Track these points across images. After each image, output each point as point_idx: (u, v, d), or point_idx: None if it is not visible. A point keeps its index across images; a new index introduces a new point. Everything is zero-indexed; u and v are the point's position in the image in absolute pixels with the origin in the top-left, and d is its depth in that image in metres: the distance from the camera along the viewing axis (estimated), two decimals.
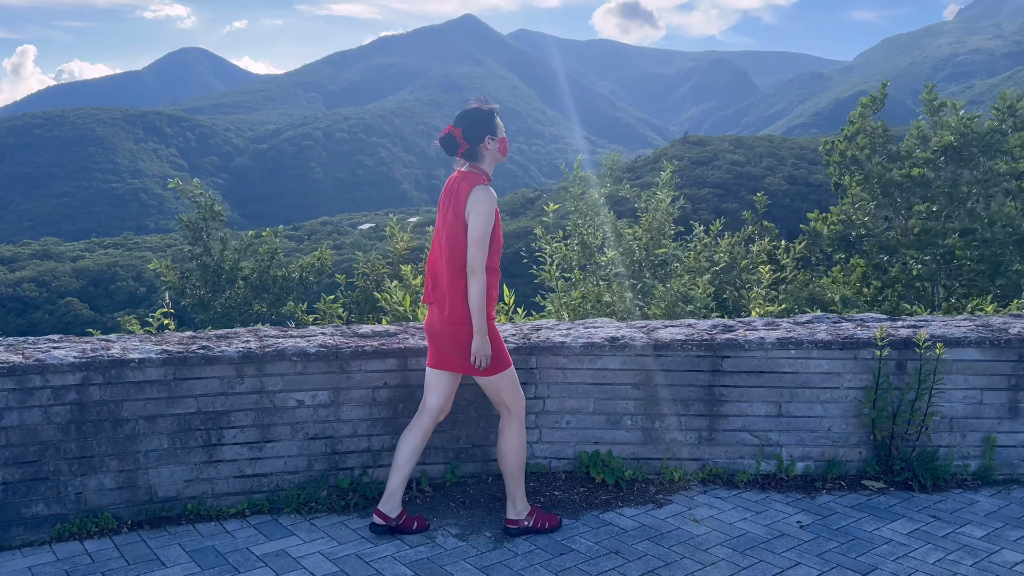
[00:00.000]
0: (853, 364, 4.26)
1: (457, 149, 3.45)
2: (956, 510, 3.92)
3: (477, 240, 3.30)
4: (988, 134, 10.58)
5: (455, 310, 3.38)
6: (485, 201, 3.32)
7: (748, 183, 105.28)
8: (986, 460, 4.34)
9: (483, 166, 3.48)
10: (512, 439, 3.50)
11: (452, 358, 3.46)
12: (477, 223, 3.30)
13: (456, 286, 3.37)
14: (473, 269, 3.30)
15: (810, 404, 4.28)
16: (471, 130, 3.42)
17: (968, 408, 4.34)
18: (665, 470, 4.23)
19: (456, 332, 3.39)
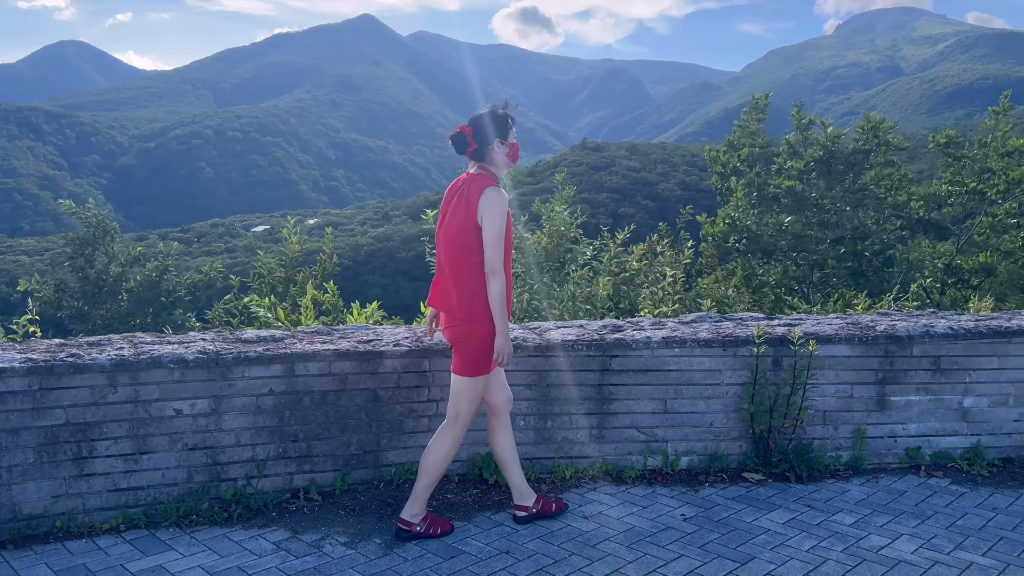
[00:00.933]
0: (733, 361, 4.44)
1: (466, 148, 3.47)
2: (829, 499, 4.13)
3: (493, 241, 3.32)
4: (852, 153, 11.28)
5: (462, 307, 3.41)
6: (498, 203, 3.34)
7: (643, 188, 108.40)
8: (857, 451, 4.60)
9: (492, 169, 3.51)
10: (445, 444, 3.52)
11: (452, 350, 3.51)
12: (492, 224, 3.32)
13: (461, 284, 3.41)
14: (493, 270, 3.32)
15: (693, 400, 4.43)
16: (481, 131, 3.45)
17: (840, 402, 4.59)
18: (557, 468, 4.28)
19: (461, 329, 3.44)
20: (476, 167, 3.51)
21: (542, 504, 3.71)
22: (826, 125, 11.92)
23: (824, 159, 11.21)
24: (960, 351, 4.68)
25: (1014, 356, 4.75)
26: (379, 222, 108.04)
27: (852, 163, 11.14)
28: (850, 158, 11.05)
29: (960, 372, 4.71)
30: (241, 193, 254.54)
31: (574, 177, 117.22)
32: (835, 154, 11.22)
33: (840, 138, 11.47)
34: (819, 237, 10.61)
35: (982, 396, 4.75)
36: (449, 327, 3.51)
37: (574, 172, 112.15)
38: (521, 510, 3.68)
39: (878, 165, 11.40)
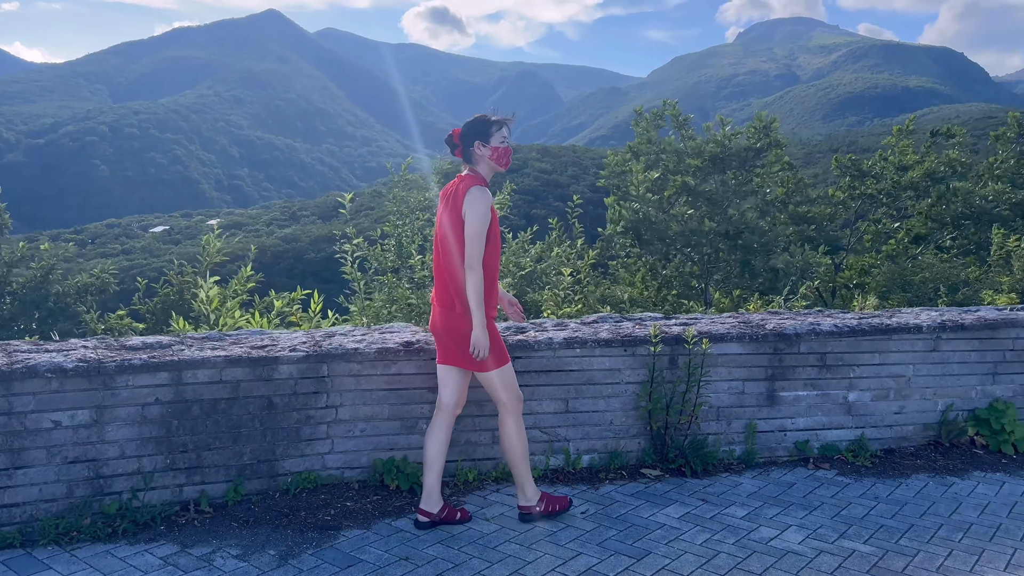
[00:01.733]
0: (632, 360, 4.53)
1: (453, 149, 3.74)
2: (722, 492, 4.26)
3: (473, 237, 3.49)
4: (744, 150, 11.74)
5: (455, 302, 3.57)
6: (480, 201, 3.52)
7: (555, 190, 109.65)
8: (749, 445, 4.77)
9: (479, 170, 3.70)
10: (512, 433, 3.68)
11: (453, 351, 3.64)
12: (473, 221, 3.50)
13: (457, 279, 3.56)
14: (470, 265, 3.48)
15: (594, 400, 4.50)
16: (466, 133, 3.69)
17: (732, 398, 4.75)
18: (460, 471, 4.27)
19: (459, 325, 3.57)
20: (466, 169, 3.72)
21: (447, 512, 3.72)
22: (725, 123, 12.37)
23: (719, 156, 11.63)
24: (844, 348, 4.91)
25: (894, 352, 5.02)
26: (286, 223, 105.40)
27: (743, 160, 11.59)
28: (742, 155, 11.50)
29: (844, 368, 4.94)
30: (139, 192, 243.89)
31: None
32: (729, 151, 11.65)
33: (735, 137, 11.92)
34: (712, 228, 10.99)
35: (865, 391, 5.00)
36: (449, 325, 3.63)
37: None
38: (424, 515, 3.67)
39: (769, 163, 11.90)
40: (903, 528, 3.84)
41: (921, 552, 3.57)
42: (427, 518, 3.67)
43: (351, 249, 6.91)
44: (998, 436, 5.10)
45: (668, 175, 12.02)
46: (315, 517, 3.75)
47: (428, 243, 7.48)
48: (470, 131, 3.69)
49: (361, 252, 7.18)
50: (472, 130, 3.69)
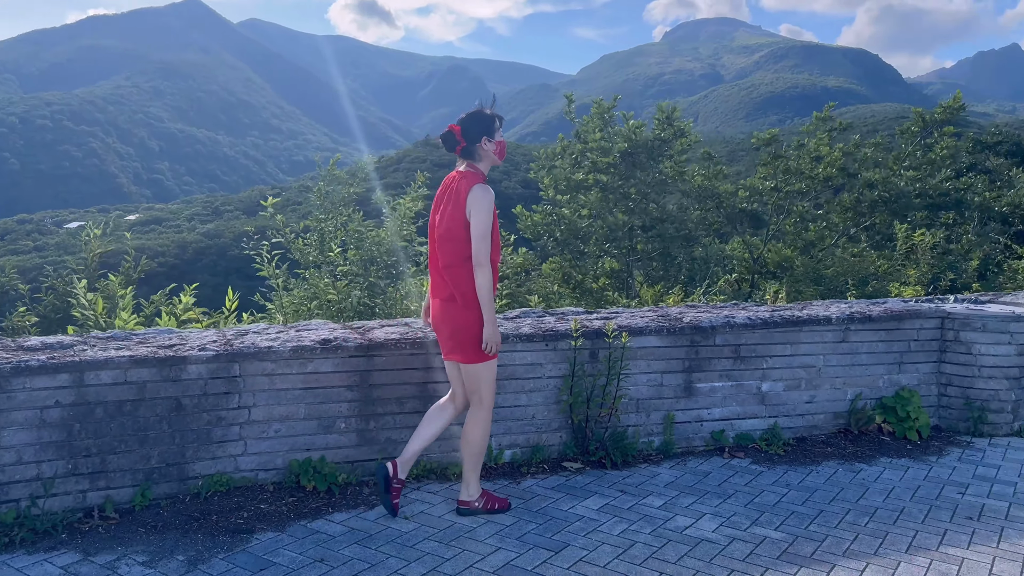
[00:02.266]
0: (553, 355, 4.55)
1: (455, 146, 3.68)
2: (641, 483, 4.33)
3: (481, 235, 3.53)
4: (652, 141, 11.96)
5: (457, 296, 3.60)
6: (485, 199, 3.56)
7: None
8: (667, 436, 4.86)
9: (480, 166, 3.71)
10: (478, 426, 3.73)
11: (449, 344, 3.69)
12: (479, 219, 3.53)
13: (458, 277, 3.59)
14: (479, 262, 3.53)
15: (516, 394, 4.50)
16: (469, 129, 3.66)
17: (651, 390, 4.82)
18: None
19: (457, 317, 3.62)
20: (465, 165, 3.71)
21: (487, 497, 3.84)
22: (627, 118, 12.55)
23: (628, 151, 11.80)
24: (758, 339, 5.05)
25: (805, 343, 5.19)
26: (209, 217, 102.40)
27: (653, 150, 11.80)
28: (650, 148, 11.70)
29: (758, 359, 5.08)
30: (52, 186, 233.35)
31: (418, 173, 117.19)
32: (637, 145, 11.83)
33: (640, 129, 12.12)
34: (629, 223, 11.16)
35: (778, 381, 5.15)
36: (447, 318, 3.67)
37: (418, 168, 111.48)
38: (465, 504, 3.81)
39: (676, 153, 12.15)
40: (813, 514, 3.97)
41: (829, 537, 3.69)
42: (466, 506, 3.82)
43: (267, 246, 6.72)
44: (904, 423, 5.33)
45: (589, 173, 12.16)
46: (227, 520, 3.65)
47: (351, 238, 7.37)
48: (476, 127, 3.67)
49: (284, 242, 6.99)
50: (479, 126, 3.68)
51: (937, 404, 5.63)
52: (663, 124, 12.50)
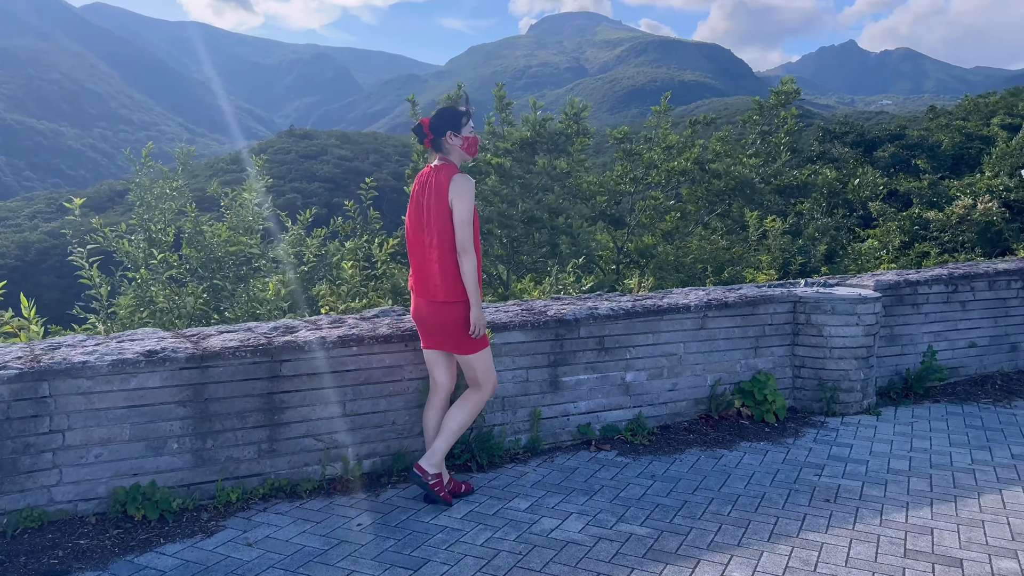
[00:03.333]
0: (413, 356, 4.30)
1: (423, 138, 3.79)
2: (507, 485, 4.16)
3: (464, 221, 3.62)
4: (555, 135, 11.94)
5: (448, 291, 3.69)
6: (466, 187, 3.65)
7: (357, 178, 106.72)
8: (534, 432, 4.72)
9: (451, 159, 3.80)
10: (468, 406, 3.85)
11: (438, 336, 3.80)
12: (462, 206, 3.63)
13: (447, 268, 3.67)
14: (464, 248, 3.63)
15: (375, 400, 4.23)
16: (436, 123, 3.77)
17: (517, 386, 4.67)
18: (221, 492, 3.83)
19: (443, 311, 3.71)
20: (438, 158, 3.80)
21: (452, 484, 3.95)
22: (537, 107, 12.49)
23: (530, 140, 11.72)
24: (620, 330, 4.99)
25: (666, 332, 5.19)
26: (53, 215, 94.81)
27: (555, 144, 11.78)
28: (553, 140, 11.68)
29: (622, 350, 5.03)
30: None
31: (283, 166, 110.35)
32: (541, 136, 11.77)
33: (547, 122, 12.07)
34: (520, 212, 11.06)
35: (641, 371, 5.13)
36: (433, 312, 3.74)
37: (283, 160, 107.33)
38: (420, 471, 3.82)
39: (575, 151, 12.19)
40: (677, 506, 3.93)
41: (694, 530, 3.65)
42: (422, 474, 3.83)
43: (83, 253, 6.05)
44: (761, 406, 5.44)
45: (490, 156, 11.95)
46: (39, 561, 3.19)
47: (184, 236, 6.78)
48: (442, 121, 3.77)
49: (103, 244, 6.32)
50: (444, 121, 3.77)
51: (792, 386, 5.80)
52: (570, 120, 12.49)
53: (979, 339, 6.78)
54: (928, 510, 3.90)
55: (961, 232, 12.04)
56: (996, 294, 6.84)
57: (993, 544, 3.52)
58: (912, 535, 3.61)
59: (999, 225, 11.82)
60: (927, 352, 6.44)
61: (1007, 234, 11.73)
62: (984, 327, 6.80)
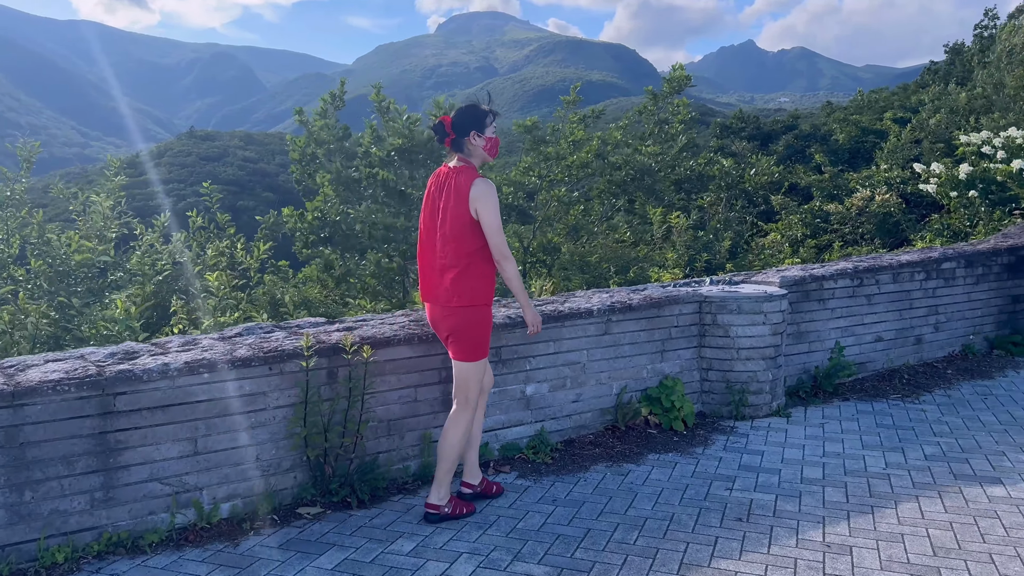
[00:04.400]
0: (280, 380, 3.77)
1: (445, 137, 3.61)
2: (391, 523, 3.69)
3: (496, 230, 3.51)
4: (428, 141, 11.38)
5: (462, 295, 3.54)
6: (490, 193, 3.50)
7: (263, 180, 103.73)
8: (425, 458, 4.26)
9: (472, 160, 3.64)
10: (461, 426, 3.67)
11: (448, 341, 3.66)
12: (490, 214, 3.48)
13: (461, 274, 3.53)
14: (504, 255, 3.53)
15: (232, 434, 3.67)
16: (459, 122, 3.60)
17: (404, 408, 4.19)
18: (44, 553, 3.21)
19: (459, 315, 3.57)
20: (456, 159, 3.64)
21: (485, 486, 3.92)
22: (402, 112, 11.88)
23: (404, 147, 11.13)
24: (519, 339, 4.59)
25: (568, 339, 4.81)
26: None
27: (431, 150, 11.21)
28: (427, 145, 11.11)
29: (521, 360, 4.63)
30: None
31: (183, 168, 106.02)
32: (414, 140, 11.19)
33: (417, 124, 11.48)
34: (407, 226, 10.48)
35: (543, 382, 4.74)
36: (446, 317, 3.60)
37: (183, 163, 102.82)
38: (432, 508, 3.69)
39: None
40: (580, 536, 3.54)
41: (597, 564, 3.26)
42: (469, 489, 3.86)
43: None
44: (669, 414, 5.13)
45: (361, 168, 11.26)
46: None
47: (29, 246, 5.99)
48: (466, 120, 3.61)
49: None
50: (468, 120, 3.61)
51: (700, 390, 5.52)
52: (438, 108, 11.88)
53: (885, 333, 6.70)
54: (846, 525, 3.64)
55: (861, 224, 12.22)
56: (900, 286, 6.78)
57: (915, 562, 3.27)
58: (831, 556, 3.33)
59: (897, 216, 12.05)
60: (835, 348, 6.30)
61: (904, 225, 11.96)
62: (890, 320, 6.72)
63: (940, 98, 20.57)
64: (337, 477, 3.90)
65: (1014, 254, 7.72)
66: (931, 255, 7.14)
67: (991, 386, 6.25)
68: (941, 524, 3.63)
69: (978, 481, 4.17)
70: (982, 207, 11.32)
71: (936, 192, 11.95)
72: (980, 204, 11.35)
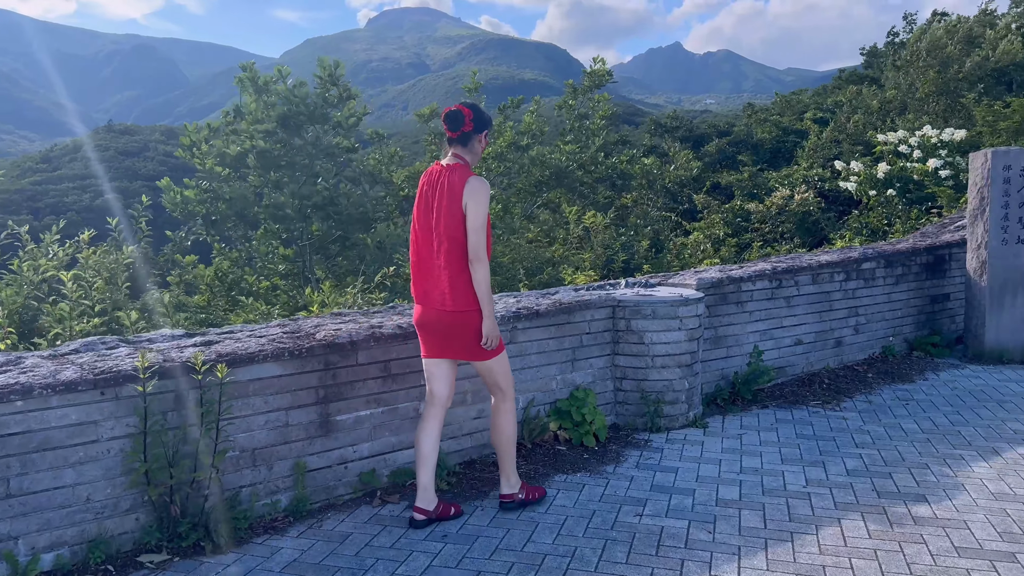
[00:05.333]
0: (115, 406, 3.21)
1: (459, 128, 3.48)
2: (250, 570, 3.17)
3: (478, 228, 3.38)
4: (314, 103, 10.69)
5: (458, 299, 3.44)
6: (482, 191, 3.42)
7: (188, 174, 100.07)
8: (299, 490, 3.74)
9: (467, 158, 3.54)
10: (508, 420, 3.67)
11: (454, 346, 3.53)
12: (477, 212, 3.38)
13: (456, 275, 3.42)
14: (478, 256, 3.40)
15: (56, 471, 3.09)
16: (479, 118, 3.52)
17: (273, 434, 3.67)
18: None
19: (459, 320, 3.46)
20: (450, 156, 3.53)
21: (441, 509, 3.63)
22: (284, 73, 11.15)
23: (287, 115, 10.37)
24: (412, 351, 4.11)
25: None
26: None
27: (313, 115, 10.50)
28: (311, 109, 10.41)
29: (414, 375, 4.15)
30: None
31: (100, 163, 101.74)
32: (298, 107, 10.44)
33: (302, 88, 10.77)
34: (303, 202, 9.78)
35: None
36: (449, 322, 3.48)
37: (101, 157, 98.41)
38: (421, 512, 3.57)
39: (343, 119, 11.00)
40: None
41: None
42: (423, 516, 3.58)
43: None
44: (580, 428, 4.73)
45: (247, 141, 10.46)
46: None
47: None
48: (484, 119, 3.57)
49: None
50: (485, 119, 3.58)
51: (614, 400, 5.15)
52: (326, 83, 11.18)
53: (805, 336, 6.47)
54: (763, 556, 3.29)
55: (781, 223, 12.14)
56: (820, 288, 6.56)
57: None
58: None
59: (816, 215, 12.02)
60: (753, 353, 6.02)
61: (823, 224, 11.93)
62: (809, 323, 6.50)
63: (857, 98, 20.93)
64: (188, 517, 3.35)
65: (932, 253, 7.63)
66: (851, 255, 6.96)
67: (912, 390, 6.08)
68: (865, 552, 3.31)
69: (902, 499, 3.89)
70: (900, 205, 11.36)
71: (856, 190, 11.97)
72: (898, 202, 11.39)
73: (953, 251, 7.84)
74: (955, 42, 17.25)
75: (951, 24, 19.87)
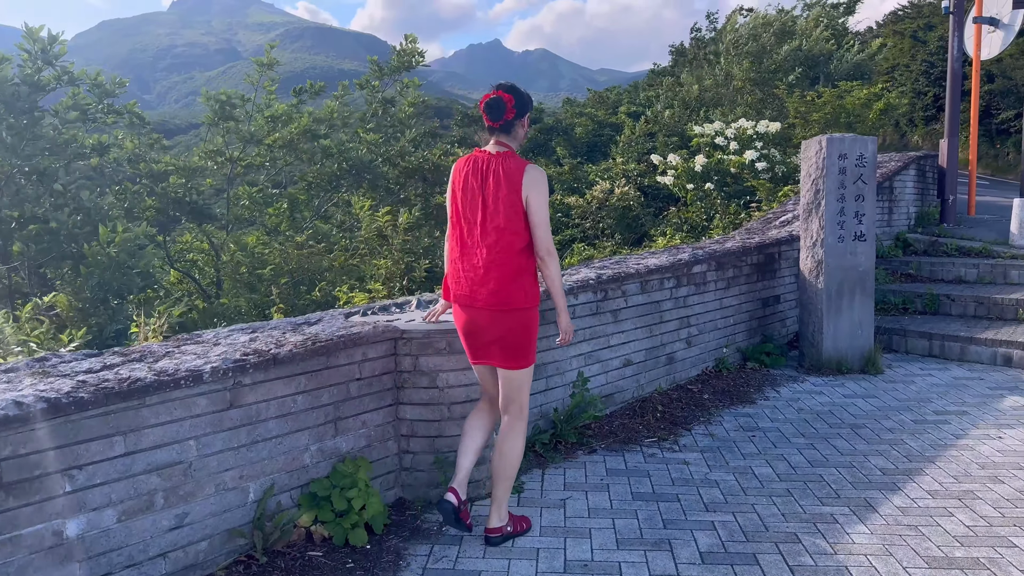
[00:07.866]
0: None
1: (501, 115, 3.21)
2: None
3: (544, 222, 3.16)
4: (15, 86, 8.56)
5: (508, 297, 3.15)
6: (543, 181, 3.18)
7: None
8: None
9: (512, 145, 3.28)
10: (518, 438, 3.32)
11: (492, 349, 3.24)
12: (541, 203, 3.16)
13: (508, 271, 3.16)
14: (550, 250, 3.19)
15: None
16: (520, 103, 3.25)
17: None
18: None
19: (513, 319, 3.18)
20: (494, 143, 3.26)
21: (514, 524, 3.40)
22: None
23: None
24: (48, 441, 2.57)
25: (156, 426, 2.89)
26: None
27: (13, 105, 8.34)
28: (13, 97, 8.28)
29: (52, 479, 2.62)
30: None
31: None
32: None
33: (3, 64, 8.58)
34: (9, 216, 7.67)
35: (104, 507, 2.76)
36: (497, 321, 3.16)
37: None
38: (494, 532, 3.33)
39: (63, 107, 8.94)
40: None
41: None
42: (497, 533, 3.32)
43: None
44: (345, 520, 3.35)
45: None
46: None
47: None
48: (525, 102, 3.27)
49: None
50: (527, 102, 3.28)
51: (399, 467, 3.82)
52: (35, 59, 8.95)
53: (635, 355, 5.46)
54: None
55: (602, 219, 11.36)
56: (649, 297, 5.58)
57: None
58: None
59: (636, 210, 11.33)
60: (578, 381, 4.91)
61: (644, 219, 11.27)
62: (639, 339, 5.50)
63: (673, 90, 20.92)
64: None
65: (763, 252, 6.93)
66: (681, 257, 6.06)
67: (755, 415, 5.23)
68: None
69: None
70: (718, 199, 10.88)
71: (673, 185, 11.40)
72: (716, 196, 10.91)
73: (783, 249, 7.21)
74: (770, 34, 17.43)
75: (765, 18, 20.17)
